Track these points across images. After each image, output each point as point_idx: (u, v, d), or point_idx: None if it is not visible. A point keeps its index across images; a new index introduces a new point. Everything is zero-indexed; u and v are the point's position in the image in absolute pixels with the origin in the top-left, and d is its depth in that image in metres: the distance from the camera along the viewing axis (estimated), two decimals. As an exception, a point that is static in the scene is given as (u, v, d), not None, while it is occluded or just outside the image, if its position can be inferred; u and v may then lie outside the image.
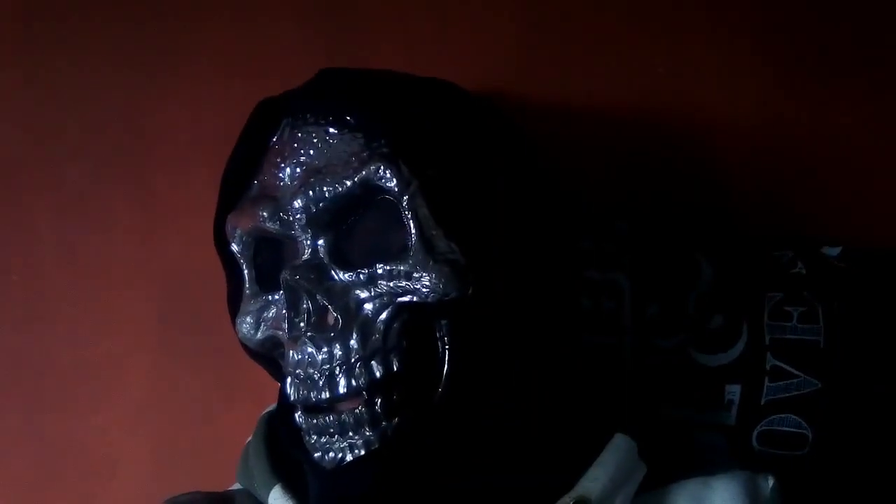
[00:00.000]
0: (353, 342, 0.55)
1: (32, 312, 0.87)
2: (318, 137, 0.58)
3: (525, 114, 0.81)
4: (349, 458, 0.55)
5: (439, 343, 0.57)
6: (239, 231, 0.61)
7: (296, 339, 0.56)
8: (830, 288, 0.78)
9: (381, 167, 0.55)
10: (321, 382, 0.55)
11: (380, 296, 0.56)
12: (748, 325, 0.77)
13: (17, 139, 0.88)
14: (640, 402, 0.75)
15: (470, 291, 0.55)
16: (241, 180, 0.63)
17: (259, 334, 0.61)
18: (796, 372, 0.76)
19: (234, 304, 0.65)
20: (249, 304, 0.61)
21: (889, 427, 0.79)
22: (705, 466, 0.67)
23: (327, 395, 0.55)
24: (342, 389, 0.55)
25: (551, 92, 0.84)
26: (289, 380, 0.57)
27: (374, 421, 0.55)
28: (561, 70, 0.85)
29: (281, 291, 0.59)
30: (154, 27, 0.88)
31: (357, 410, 0.55)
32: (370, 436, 0.55)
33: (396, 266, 0.56)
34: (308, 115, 0.59)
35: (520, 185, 0.62)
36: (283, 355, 0.59)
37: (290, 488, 0.61)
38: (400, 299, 0.56)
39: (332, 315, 0.56)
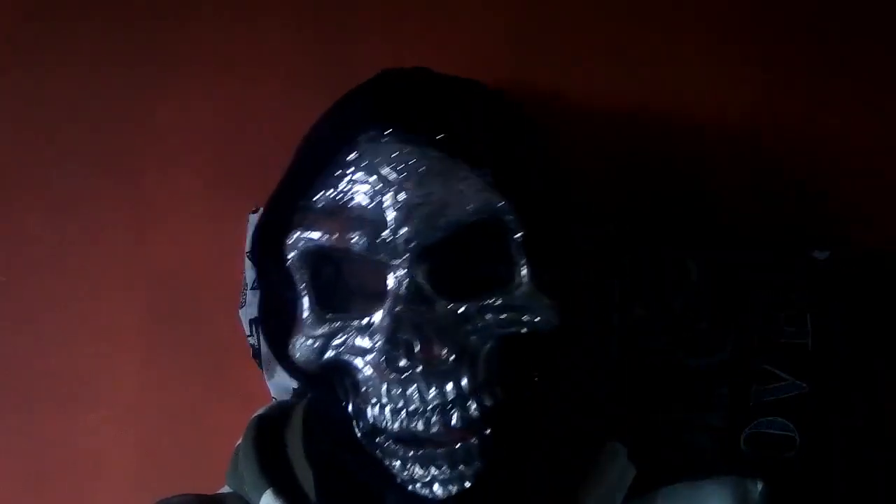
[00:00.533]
0: (464, 378, 0.55)
1: (22, 313, 0.87)
2: (417, 159, 0.56)
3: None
4: (454, 489, 0.55)
5: (531, 372, 0.58)
6: (303, 248, 0.58)
7: (399, 372, 0.55)
8: (818, 291, 0.78)
9: (500, 201, 0.55)
10: (433, 418, 0.55)
11: (486, 328, 0.56)
12: (736, 328, 0.77)
13: (6, 140, 0.88)
14: (627, 403, 0.75)
15: (564, 322, 0.57)
16: (296, 194, 0.60)
17: (325, 358, 0.59)
18: (784, 375, 0.77)
19: (272, 320, 0.63)
20: (315, 328, 0.59)
21: (874, 431, 0.79)
22: (694, 470, 0.67)
23: (440, 430, 0.55)
24: (456, 423, 0.55)
25: (543, 92, 0.84)
26: (375, 411, 0.56)
27: (484, 452, 0.56)
28: (552, 70, 0.85)
29: (353, 317, 0.57)
30: (145, 28, 0.87)
31: (470, 442, 0.55)
32: (480, 466, 0.55)
33: (503, 299, 0.56)
34: (401, 130, 0.57)
35: (578, 209, 0.63)
36: (352, 380, 0.58)
37: (281, 493, 0.61)
38: (505, 331, 0.56)
39: (440, 349, 0.54)
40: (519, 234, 0.56)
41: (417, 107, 0.59)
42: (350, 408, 0.59)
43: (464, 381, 0.55)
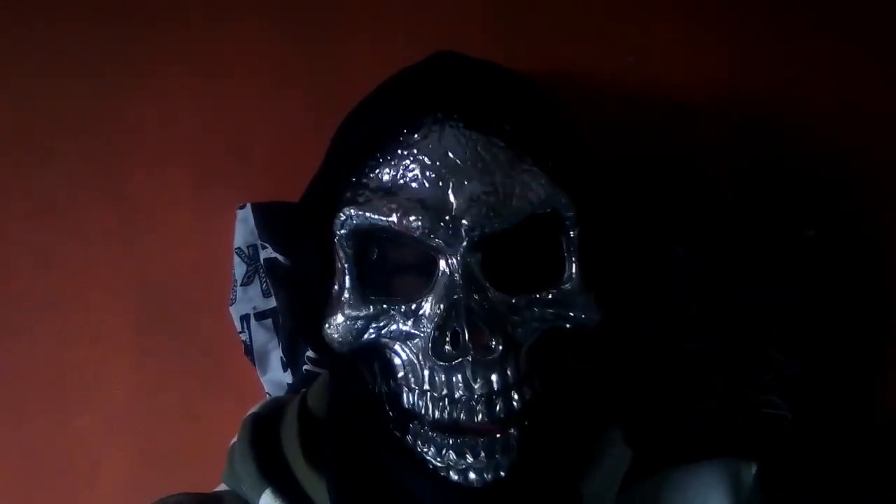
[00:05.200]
0: (509, 369, 0.55)
1: (10, 318, 0.86)
2: (485, 149, 0.56)
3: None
4: (489, 476, 0.55)
5: (574, 364, 0.59)
6: (355, 225, 0.57)
7: (447, 359, 0.54)
8: (807, 269, 0.79)
9: (562, 196, 0.56)
10: (478, 406, 0.55)
11: (533, 320, 0.56)
12: (727, 312, 0.77)
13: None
14: (623, 390, 0.75)
15: (605, 319, 0.58)
16: (350, 169, 0.59)
17: (362, 339, 0.58)
18: (776, 355, 0.77)
19: (307, 297, 0.62)
20: (356, 308, 0.58)
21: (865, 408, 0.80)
22: (690, 453, 0.68)
23: (484, 419, 0.55)
24: (501, 414, 0.55)
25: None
26: (414, 396, 0.56)
27: (522, 443, 0.56)
28: (530, 62, 0.84)
29: (397, 301, 0.57)
30: (125, 30, 0.86)
31: (511, 432, 0.56)
32: (515, 457, 0.56)
33: (553, 294, 0.57)
34: (461, 122, 0.57)
35: (616, 209, 0.64)
36: (385, 363, 0.58)
37: (281, 492, 0.60)
38: (548, 325, 0.57)
39: (489, 338, 0.54)
40: (575, 231, 0.57)
41: (485, 96, 0.58)
42: (380, 392, 0.58)
43: (510, 372, 0.55)
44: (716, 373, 0.77)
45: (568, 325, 0.57)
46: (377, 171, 0.58)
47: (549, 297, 0.56)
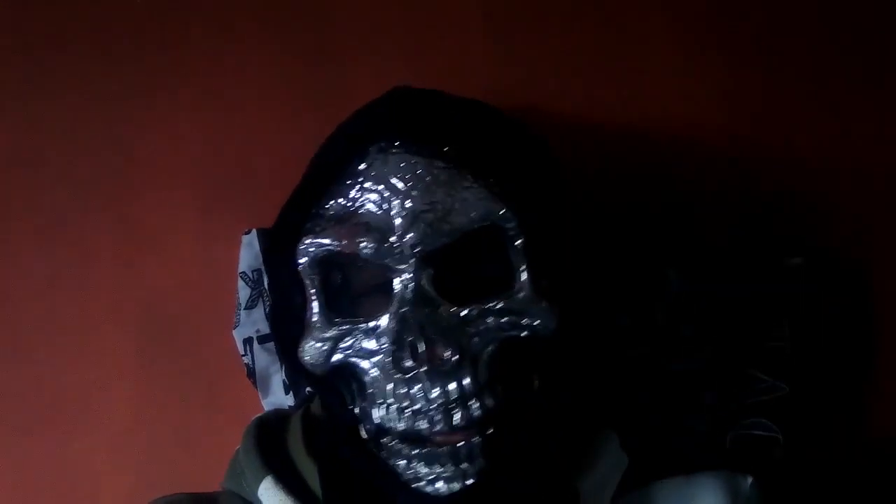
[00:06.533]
0: (466, 378, 0.57)
1: (13, 339, 0.86)
2: (424, 169, 0.59)
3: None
4: (457, 486, 0.57)
5: (530, 373, 0.60)
6: (314, 253, 0.60)
7: (404, 372, 0.57)
8: (794, 295, 0.81)
9: (502, 209, 0.58)
10: (437, 416, 0.57)
11: (488, 330, 0.58)
12: (717, 333, 0.80)
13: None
14: (617, 405, 0.77)
15: (560, 326, 0.59)
16: (309, 202, 0.62)
17: (333, 360, 0.61)
18: (765, 377, 0.79)
19: (287, 324, 0.65)
20: (324, 330, 0.61)
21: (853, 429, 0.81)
22: (686, 464, 0.69)
23: (443, 428, 0.57)
24: (460, 422, 0.57)
25: (518, 104, 0.86)
26: (381, 411, 0.58)
27: (486, 450, 0.58)
28: (530, 87, 0.87)
29: (360, 320, 0.59)
30: (134, 54, 0.88)
31: (472, 441, 0.57)
32: (483, 464, 0.57)
33: (504, 303, 0.58)
34: (409, 143, 0.59)
35: (570, 219, 0.66)
36: (358, 382, 0.60)
37: (281, 480, 0.62)
38: (506, 334, 0.58)
39: (444, 350, 0.56)
40: (519, 241, 0.59)
41: (426, 121, 0.61)
42: (356, 410, 0.61)
43: (466, 381, 0.57)
44: (705, 394, 0.79)
45: (524, 334, 0.59)
46: (331, 201, 0.61)
47: (501, 305, 0.58)
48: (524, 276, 0.59)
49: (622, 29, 0.88)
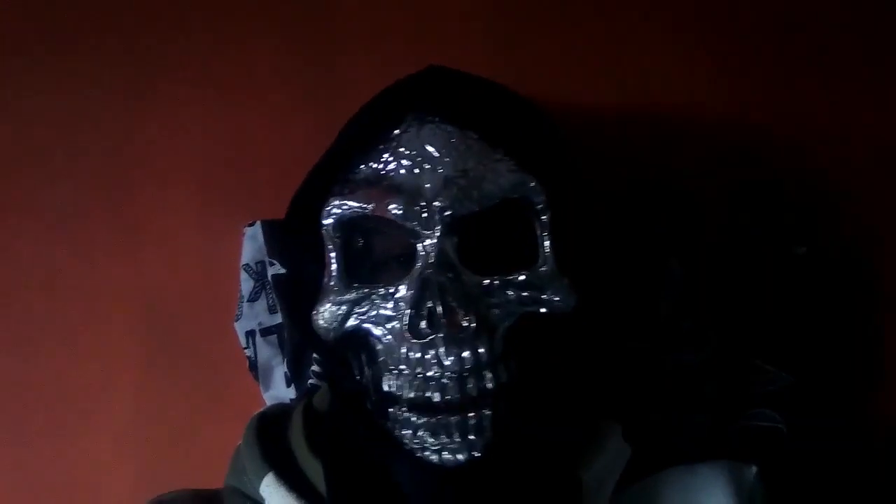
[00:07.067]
0: (482, 348, 0.57)
1: (16, 335, 0.86)
2: (458, 140, 0.59)
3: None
4: (462, 457, 0.56)
5: (549, 351, 0.60)
6: (341, 215, 0.61)
7: (421, 337, 0.56)
8: (799, 285, 0.81)
9: (532, 181, 0.58)
10: (450, 384, 0.56)
11: (508, 303, 0.58)
12: (721, 324, 0.79)
13: (-3, 162, 0.88)
14: (620, 398, 0.76)
15: (580, 305, 0.59)
16: (340, 164, 0.63)
17: (348, 324, 0.61)
18: (770, 368, 0.79)
19: (300, 289, 0.65)
20: (342, 293, 0.61)
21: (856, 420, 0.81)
22: (689, 454, 0.69)
23: (456, 397, 0.56)
24: (473, 393, 0.57)
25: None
26: (392, 378, 0.58)
27: (495, 424, 0.57)
28: (534, 80, 0.87)
29: (378, 286, 0.59)
30: (134, 50, 0.88)
31: (484, 412, 0.57)
32: (490, 437, 0.57)
33: (526, 276, 0.58)
34: (446, 116, 0.60)
35: (593, 201, 0.66)
36: (368, 349, 0.60)
37: (282, 476, 0.62)
38: (526, 308, 0.58)
39: (463, 317, 0.56)
40: (546, 216, 0.59)
41: (461, 95, 0.63)
42: (364, 379, 0.61)
43: (482, 351, 0.57)
44: (709, 385, 0.79)
45: (543, 310, 0.58)
46: (361, 166, 0.62)
47: (523, 278, 0.58)
48: (548, 251, 0.59)
49: (625, 19, 0.88)
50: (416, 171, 0.59)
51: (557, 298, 0.59)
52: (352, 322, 0.60)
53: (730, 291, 0.80)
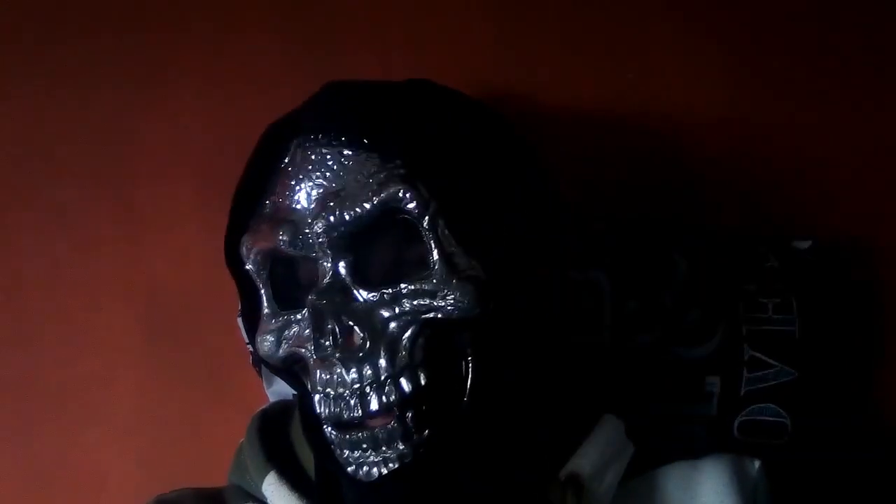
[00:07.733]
0: (381, 361, 0.56)
1: (17, 330, 0.87)
2: (333, 159, 0.59)
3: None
4: (384, 471, 0.56)
5: (462, 356, 0.58)
6: (255, 251, 0.61)
7: (323, 359, 0.57)
8: (802, 279, 0.80)
9: (400, 190, 0.56)
10: (353, 401, 0.57)
11: (404, 314, 0.57)
12: (725, 318, 0.79)
13: (-2, 157, 0.88)
14: (623, 393, 0.76)
15: (491, 306, 0.57)
16: (251, 201, 0.64)
17: (281, 352, 0.61)
18: (773, 362, 0.78)
19: (250, 322, 0.66)
20: (270, 324, 0.62)
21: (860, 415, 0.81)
22: (692, 449, 0.68)
23: (359, 413, 0.56)
24: (374, 407, 0.56)
25: (526, 93, 0.86)
26: (317, 398, 0.59)
27: (405, 435, 0.57)
28: (536, 73, 0.87)
29: (301, 310, 0.60)
30: (135, 45, 0.88)
31: (389, 426, 0.57)
32: (403, 449, 0.57)
33: (419, 285, 0.57)
34: (319, 136, 0.60)
35: (530, 197, 0.64)
36: (307, 372, 0.60)
37: (284, 475, 0.63)
38: (424, 316, 0.57)
39: (359, 335, 0.56)
40: (426, 221, 0.57)
41: (335, 111, 0.62)
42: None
43: (381, 364, 0.56)
44: (713, 380, 0.79)
45: (440, 315, 0.57)
46: (265, 199, 0.62)
47: (413, 288, 0.57)
48: (437, 258, 0.57)
49: (625, 19, 0.88)
50: (298, 198, 0.59)
51: (451, 300, 0.56)
52: (284, 348, 0.61)
53: (733, 285, 0.80)
